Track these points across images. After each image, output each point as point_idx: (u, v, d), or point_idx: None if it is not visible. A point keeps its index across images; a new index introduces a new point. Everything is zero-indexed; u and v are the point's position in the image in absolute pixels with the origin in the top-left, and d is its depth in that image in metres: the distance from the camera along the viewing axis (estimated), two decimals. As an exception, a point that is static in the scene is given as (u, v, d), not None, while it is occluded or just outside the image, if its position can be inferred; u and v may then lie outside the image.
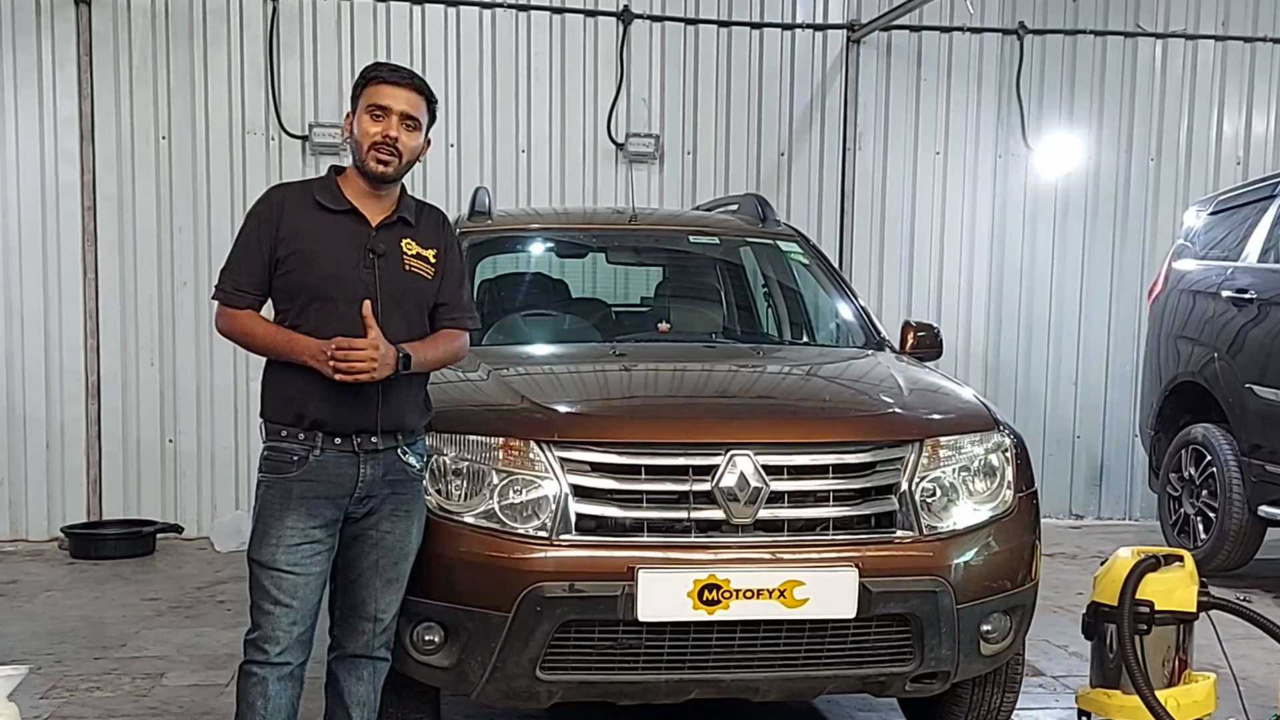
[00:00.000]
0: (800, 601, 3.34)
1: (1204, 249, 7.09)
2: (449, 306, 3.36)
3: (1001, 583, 3.63)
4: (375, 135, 3.17)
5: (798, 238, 5.50)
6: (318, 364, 3.09)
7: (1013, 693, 4.05)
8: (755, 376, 4.35)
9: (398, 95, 3.19)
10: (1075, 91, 8.38)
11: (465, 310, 3.43)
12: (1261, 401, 6.23)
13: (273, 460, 3.21)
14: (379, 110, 3.18)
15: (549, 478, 3.41)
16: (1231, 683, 4.24)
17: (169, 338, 7.58)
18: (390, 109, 3.18)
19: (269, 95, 7.62)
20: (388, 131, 3.17)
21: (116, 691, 4.67)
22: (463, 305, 3.42)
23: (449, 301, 3.36)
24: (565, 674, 3.43)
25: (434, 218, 3.40)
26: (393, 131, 3.17)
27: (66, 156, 7.44)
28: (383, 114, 3.17)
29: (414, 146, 3.23)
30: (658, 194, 8.00)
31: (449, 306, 3.36)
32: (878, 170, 8.24)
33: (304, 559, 3.18)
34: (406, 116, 3.20)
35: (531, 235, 5.71)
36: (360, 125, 3.20)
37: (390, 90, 3.19)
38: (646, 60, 7.97)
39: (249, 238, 3.23)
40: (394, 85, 3.20)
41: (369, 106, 3.19)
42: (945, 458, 3.62)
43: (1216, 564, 6.43)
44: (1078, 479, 8.53)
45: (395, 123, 3.18)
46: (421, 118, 3.24)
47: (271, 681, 3.20)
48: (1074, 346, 8.47)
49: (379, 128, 3.17)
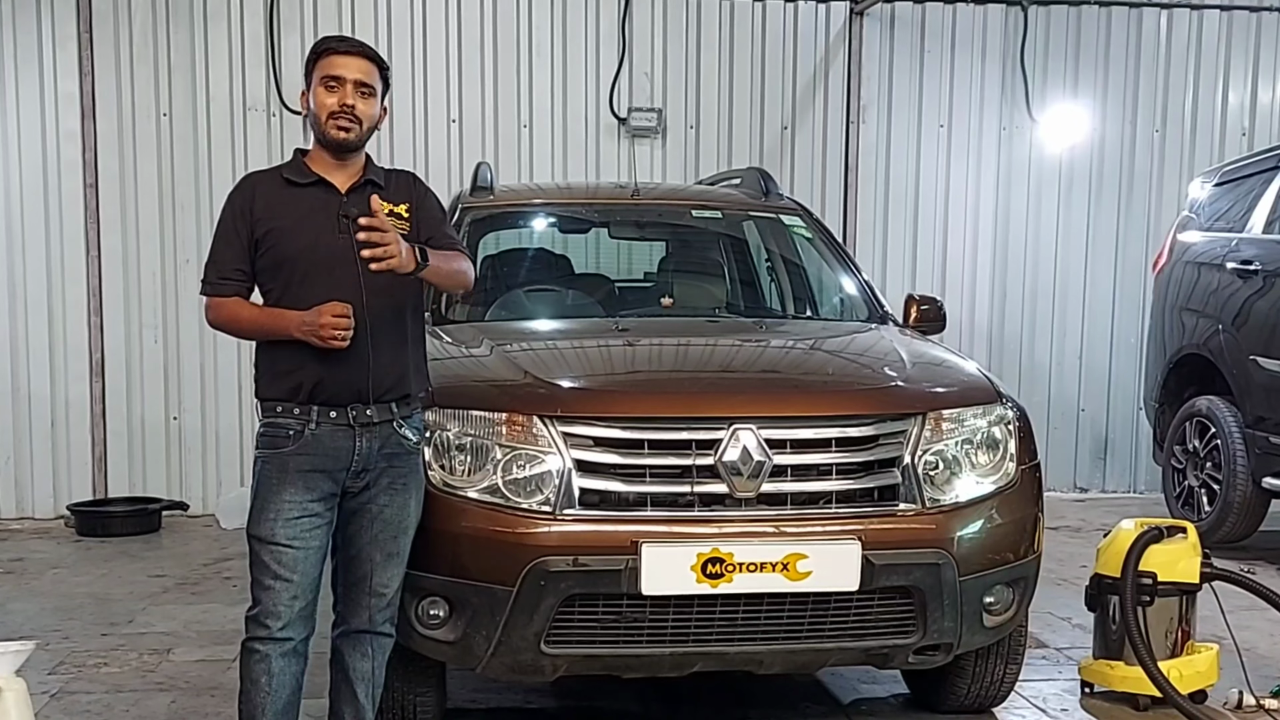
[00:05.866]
0: (803, 574, 3.35)
1: (1209, 221, 7.06)
2: (435, 238, 3.34)
3: (1004, 555, 3.64)
4: (332, 105, 3.20)
5: (801, 211, 5.48)
6: (304, 335, 3.11)
7: (1015, 664, 4.07)
8: (758, 351, 4.34)
9: (349, 64, 3.23)
10: (1080, 63, 8.33)
11: (454, 238, 3.45)
12: (1266, 373, 6.22)
13: (269, 436, 3.23)
14: (333, 81, 3.21)
15: (552, 453, 3.42)
16: (1234, 653, 4.26)
17: (172, 315, 7.58)
18: (344, 78, 3.21)
19: (270, 71, 7.59)
20: (344, 100, 3.20)
21: (124, 667, 4.70)
22: (449, 234, 3.44)
23: (434, 234, 3.34)
24: (570, 648, 3.45)
25: (404, 178, 3.43)
26: (349, 99, 3.20)
27: (68, 135, 7.43)
28: (337, 84, 3.21)
29: (371, 114, 3.26)
30: (660, 168, 7.96)
31: (435, 238, 3.34)
32: (881, 143, 8.20)
33: (303, 533, 3.19)
34: (361, 84, 3.22)
35: (534, 210, 5.70)
36: (316, 98, 3.24)
37: (342, 60, 3.23)
38: (649, 34, 7.92)
39: (227, 226, 3.28)
40: (345, 54, 3.24)
41: (323, 79, 3.23)
42: (948, 431, 3.63)
43: (1220, 536, 6.43)
44: (1082, 452, 8.52)
45: (350, 90, 3.21)
46: (375, 84, 3.27)
47: (275, 657, 3.22)
48: (1078, 319, 8.45)
49: (334, 98, 3.20)
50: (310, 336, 3.10)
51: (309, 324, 3.10)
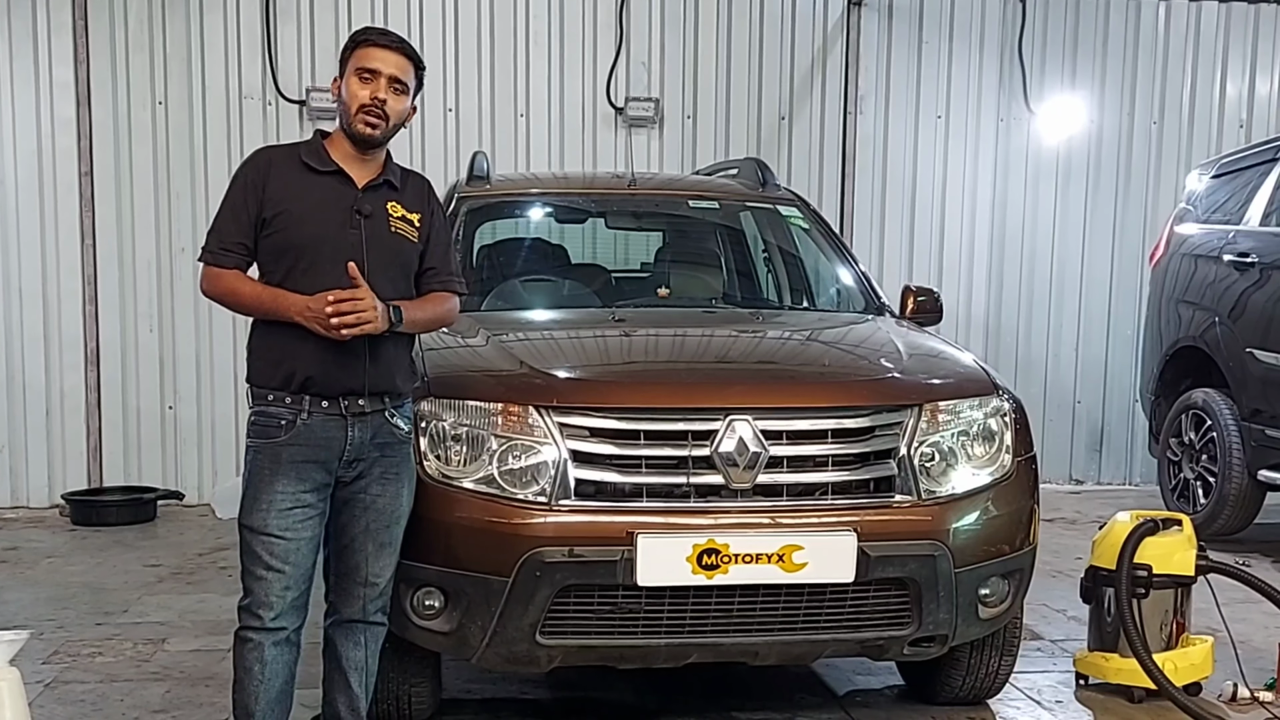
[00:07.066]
0: (799, 566, 3.35)
1: (1206, 213, 7.06)
2: (437, 270, 3.35)
3: (1000, 547, 3.64)
4: (364, 98, 3.16)
5: (798, 202, 5.48)
6: (306, 320, 3.08)
7: (1010, 656, 4.07)
8: (755, 342, 4.34)
9: (387, 59, 3.19)
10: (1078, 54, 8.31)
11: (453, 274, 3.42)
12: (1262, 366, 6.22)
13: (260, 425, 3.21)
14: (368, 73, 3.17)
15: (548, 443, 3.42)
16: (1229, 646, 4.27)
17: (168, 304, 7.57)
18: (379, 72, 3.17)
19: (266, 60, 7.57)
20: (376, 94, 3.16)
21: (118, 657, 4.69)
22: (450, 269, 3.41)
23: (436, 266, 3.35)
24: (565, 638, 3.45)
25: (419, 184, 3.40)
26: (381, 94, 3.16)
27: (63, 123, 7.40)
28: (371, 77, 3.17)
29: (401, 110, 3.22)
30: (657, 158, 7.95)
31: (437, 270, 3.35)
32: (879, 134, 8.19)
33: (295, 523, 3.18)
34: (395, 80, 3.19)
35: (530, 200, 5.69)
36: (349, 88, 3.19)
37: (380, 53, 3.19)
38: (646, 23, 7.90)
39: (235, 198, 3.22)
40: (384, 49, 3.20)
41: (358, 69, 3.18)
42: (944, 422, 3.63)
43: (1216, 528, 6.44)
44: (1078, 444, 8.52)
45: (384, 85, 3.17)
46: (409, 82, 3.23)
47: (268, 647, 3.21)
48: (1075, 311, 8.45)
49: (368, 90, 3.16)
50: (313, 323, 3.07)
51: (314, 310, 3.06)
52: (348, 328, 3.05)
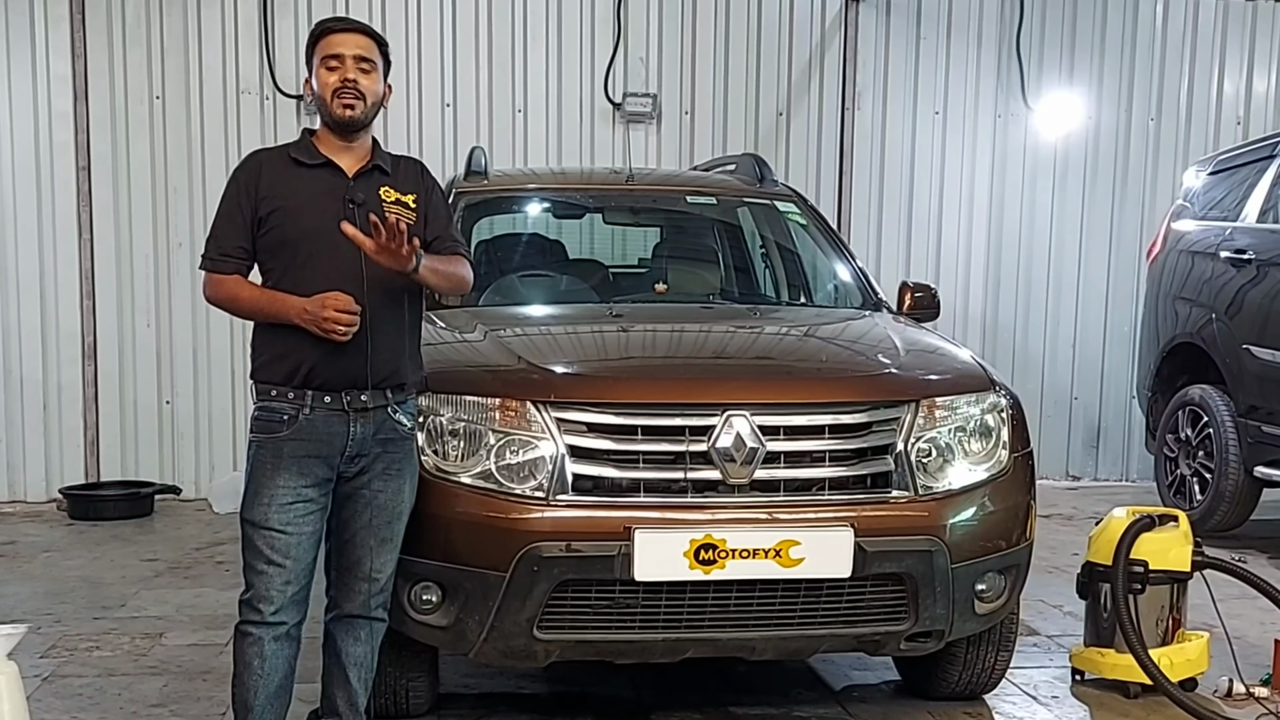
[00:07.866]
0: (796, 561, 3.36)
1: (1203, 209, 7.06)
2: (441, 238, 3.36)
3: (996, 542, 3.64)
4: (334, 82, 3.21)
5: (795, 198, 5.47)
6: (304, 322, 3.10)
7: (1007, 651, 4.08)
8: (752, 337, 4.34)
9: (347, 40, 3.24)
10: (1075, 50, 8.31)
11: (459, 240, 3.45)
12: (1259, 362, 6.23)
13: (263, 420, 3.22)
14: (333, 60, 3.22)
15: (546, 438, 3.42)
16: (1225, 641, 4.28)
17: (165, 299, 7.56)
18: (343, 55, 3.22)
19: (263, 54, 7.56)
20: (345, 76, 3.20)
21: (116, 651, 4.69)
22: (455, 236, 3.44)
23: (440, 234, 3.36)
24: (562, 633, 3.46)
25: (411, 166, 3.43)
26: (350, 74, 3.21)
27: (60, 117, 7.39)
28: (337, 62, 3.22)
29: (375, 89, 3.26)
30: (655, 154, 7.94)
31: (441, 238, 3.36)
32: (876, 130, 8.19)
33: (296, 518, 3.19)
34: (360, 59, 3.23)
35: (528, 195, 5.69)
36: (319, 79, 3.24)
37: (339, 38, 3.24)
38: (644, 19, 7.89)
39: (231, 203, 3.26)
40: (342, 33, 3.25)
41: (323, 59, 3.24)
42: (941, 418, 3.63)
43: (1212, 524, 6.45)
44: (1075, 440, 8.53)
45: (350, 66, 3.21)
46: (375, 59, 3.27)
47: (267, 641, 3.22)
48: (1072, 307, 8.45)
49: (336, 75, 3.21)
50: (311, 325, 3.10)
51: (311, 313, 3.09)
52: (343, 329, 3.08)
